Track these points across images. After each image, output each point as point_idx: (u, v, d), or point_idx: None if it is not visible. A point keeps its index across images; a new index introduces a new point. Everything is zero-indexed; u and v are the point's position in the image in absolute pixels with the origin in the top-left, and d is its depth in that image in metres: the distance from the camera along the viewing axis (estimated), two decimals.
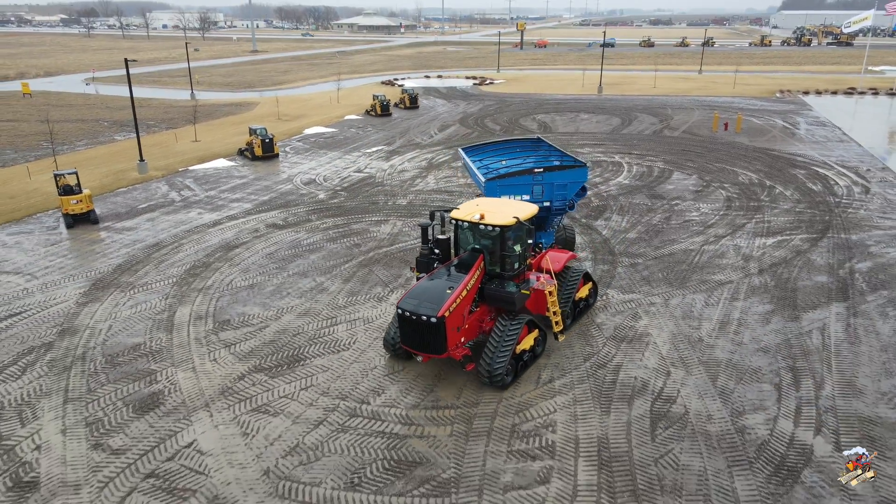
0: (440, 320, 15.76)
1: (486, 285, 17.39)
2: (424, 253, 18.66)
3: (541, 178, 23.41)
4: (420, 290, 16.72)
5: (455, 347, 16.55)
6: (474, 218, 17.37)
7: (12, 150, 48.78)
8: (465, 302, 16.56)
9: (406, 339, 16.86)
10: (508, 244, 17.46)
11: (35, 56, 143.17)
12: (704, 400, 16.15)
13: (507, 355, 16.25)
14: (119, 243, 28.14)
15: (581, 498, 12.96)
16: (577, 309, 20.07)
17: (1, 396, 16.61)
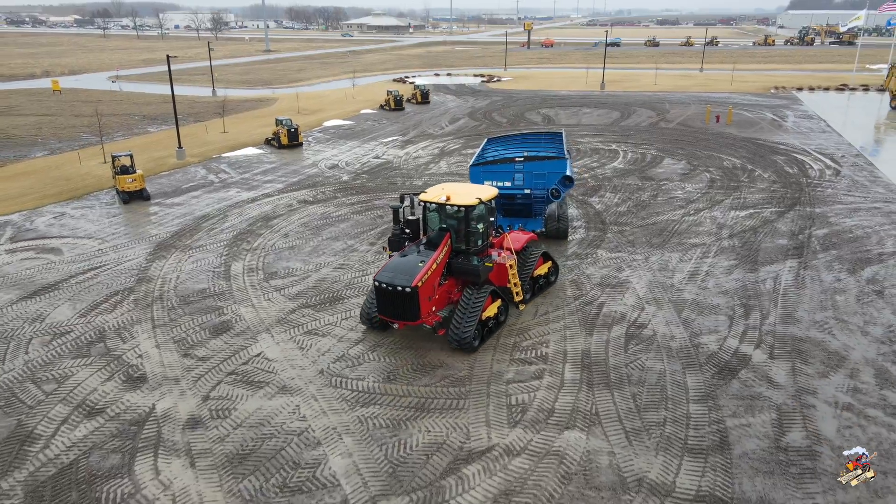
0: (414, 290, 17.48)
1: (453, 260, 19.10)
2: (396, 233, 20.19)
3: (521, 167, 25.47)
4: (394, 265, 18.40)
5: (427, 315, 18.26)
6: (441, 199, 19.05)
7: (56, 140, 52.92)
8: (435, 274, 18.31)
9: (383, 309, 18.48)
10: (472, 223, 19.13)
11: (56, 55, 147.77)
12: (670, 326, 19.92)
13: (473, 322, 17.94)
14: (171, 215, 32.12)
15: (566, 388, 16.76)
16: (536, 285, 21.95)
17: (103, 323, 20.58)
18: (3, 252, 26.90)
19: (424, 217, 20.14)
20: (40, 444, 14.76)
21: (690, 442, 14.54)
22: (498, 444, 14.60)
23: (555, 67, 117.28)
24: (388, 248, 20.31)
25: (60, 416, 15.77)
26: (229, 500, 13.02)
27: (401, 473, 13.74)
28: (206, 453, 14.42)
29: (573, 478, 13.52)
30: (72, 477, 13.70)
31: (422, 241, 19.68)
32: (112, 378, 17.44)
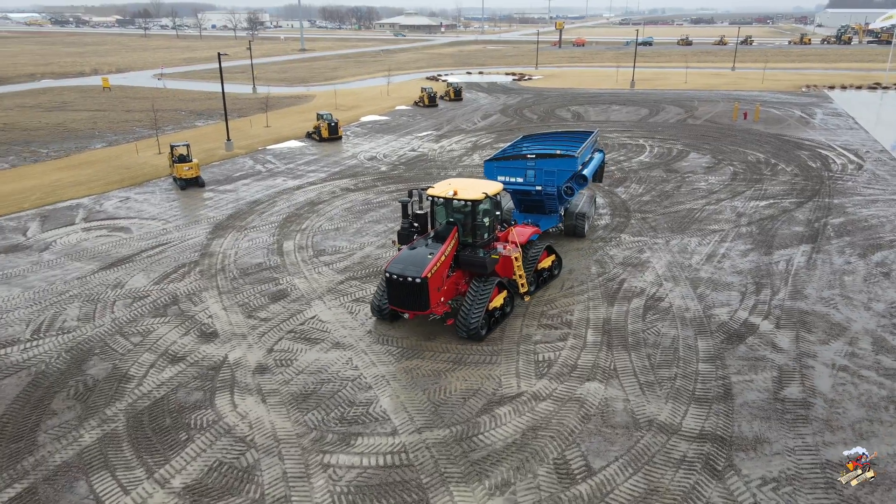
0: (424, 280, 18.13)
1: (460, 253, 19.74)
2: (405, 227, 20.86)
3: (533, 164, 25.90)
4: (404, 257, 19.05)
5: (436, 305, 18.97)
6: (448, 194, 19.59)
7: (112, 133, 56.34)
8: (443, 266, 18.95)
9: (393, 300, 19.09)
10: (478, 217, 19.79)
11: (101, 55, 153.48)
12: (685, 300, 21.72)
13: (481, 312, 18.64)
14: (225, 200, 34.80)
15: (588, 349, 18.73)
16: (540, 277, 22.64)
17: (174, 289, 23.16)
18: (80, 230, 29.80)
19: (432, 211, 20.71)
20: (134, 382, 17.27)
21: (697, 393, 16.41)
22: (526, 392, 16.67)
23: (585, 66, 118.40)
24: (398, 242, 21.04)
25: (148, 362, 18.29)
26: (297, 428, 15.32)
27: (442, 412, 15.89)
28: (274, 393, 16.77)
29: (592, 418, 15.51)
30: (164, 407, 16.17)
31: (430, 234, 20.33)
32: (188, 333, 19.95)
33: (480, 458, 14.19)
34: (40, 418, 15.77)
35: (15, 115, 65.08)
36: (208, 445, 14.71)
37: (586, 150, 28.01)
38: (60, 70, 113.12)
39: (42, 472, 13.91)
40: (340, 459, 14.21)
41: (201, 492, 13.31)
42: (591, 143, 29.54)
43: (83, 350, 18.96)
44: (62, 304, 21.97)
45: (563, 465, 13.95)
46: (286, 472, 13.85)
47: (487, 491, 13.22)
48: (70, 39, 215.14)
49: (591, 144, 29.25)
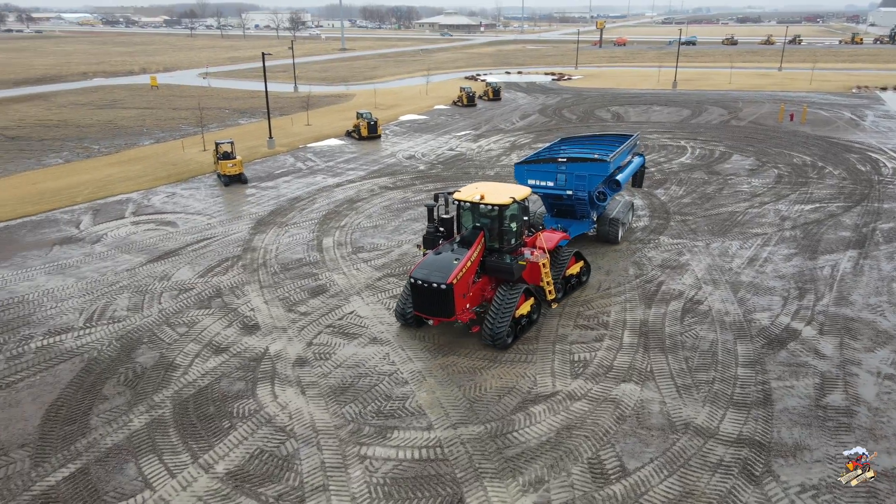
0: (449, 287, 17.72)
1: (486, 258, 19.29)
2: (430, 231, 20.26)
3: (564, 168, 25.29)
4: (429, 262, 18.68)
5: (461, 311, 18.50)
6: (475, 198, 19.20)
7: (159, 130, 58.00)
8: (469, 272, 18.49)
9: (418, 306, 18.77)
10: (506, 221, 19.38)
11: (150, 54, 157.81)
12: (725, 304, 21.44)
13: (507, 319, 18.20)
14: (267, 197, 35.58)
15: (624, 350, 18.67)
16: (568, 284, 22.11)
17: (218, 282, 23.85)
18: (129, 224, 30.87)
19: (458, 216, 20.31)
20: (180, 371, 17.90)
21: (736, 398, 16.22)
22: (561, 391, 16.72)
23: (626, 66, 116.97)
24: (423, 246, 20.48)
25: (194, 351, 18.91)
26: (335, 420, 15.68)
27: (477, 408, 16.06)
28: (313, 385, 17.18)
29: (627, 419, 15.49)
30: (208, 395, 16.72)
31: (455, 239, 19.87)
32: (231, 325, 20.54)
33: (514, 455, 14.32)
34: (93, 402, 16.48)
35: (69, 113, 67.51)
36: (250, 434, 15.18)
37: (621, 154, 27.27)
38: (111, 69, 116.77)
39: (94, 453, 14.55)
40: (377, 452, 14.51)
41: (243, 478, 13.76)
42: (629, 146, 28.73)
43: (132, 339, 19.70)
44: (113, 295, 22.84)
45: (598, 464, 13.98)
46: (324, 462, 14.21)
47: (521, 487, 13.35)
48: (120, 39, 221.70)
49: (628, 148, 28.46)
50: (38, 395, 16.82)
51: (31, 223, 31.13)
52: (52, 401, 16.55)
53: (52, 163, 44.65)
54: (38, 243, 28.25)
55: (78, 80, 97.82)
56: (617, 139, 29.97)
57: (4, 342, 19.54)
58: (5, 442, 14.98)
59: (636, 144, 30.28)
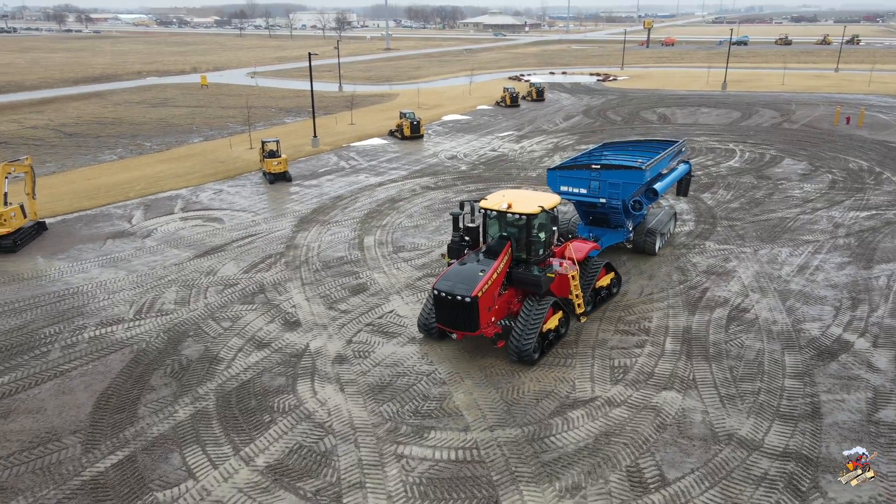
0: (474, 300, 16.93)
1: (513, 270, 18.51)
2: (455, 240, 19.65)
3: (597, 175, 24.18)
4: (454, 273, 17.90)
5: (486, 325, 17.68)
6: (502, 207, 18.40)
7: (208, 128, 59.49)
8: (495, 284, 17.73)
9: (441, 319, 18.04)
10: (533, 231, 18.58)
11: (200, 53, 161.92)
12: (773, 312, 20.83)
13: (534, 334, 17.54)
14: (310, 195, 36.12)
15: (666, 357, 18.32)
16: (598, 297, 21.30)
17: (262, 279, 24.33)
18: (179, 219, 31.74)
19: (485, 224, 19.49)
20: (224, 364, 18.32)
21: (783, 409, 15.75)
22: (600, 396, 16.51)
23: (674, 66, 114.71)
24: (447, 256, 19.93)
25: (237, 346, 19.34)
26: (373, 418, 15.81)
27: (514, 411, 15.99)
28: (352, 382, 17.37)
29: (668, 428, 15.20)
30: (250, 389, 17.07)
31: (481, 248, 19.09)
32: (273, 321, 20.93)
33: (551, 460, 14.21)
34: (141, 393, 17.01)
35: (123, 111, 69.82)
36: (290, 428, 15.44)
37: (661, 161, 25.95)
38: (163, 68, 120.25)
39: (141, 442, 15.02)
40: (413, 451, 14.59)
41: (282, 472, 14.00)
42: (672, 153, 27.33)
43: (179, 332, 20.26)
44: (161, 288, 23.53)
45: (636, 472, 13.76)
46: (361, 459, 14.35)
47: (557, 493, 13.23)
48: (173, 39, 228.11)
49: (670, 155, 27.08)
50: (90, 383, 17.45)
51: (86, 217, 32.30)
52: (103, 389, 17.14)
53: (107, 159, 46.24)
54: (93, 237, 29.29)
55: (132, 79, 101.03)
56: (661, 146, 28.67)
57: (60, 332, 20.32)
58: (59, 428, 15.58)
59: (682, 151, 28.91)
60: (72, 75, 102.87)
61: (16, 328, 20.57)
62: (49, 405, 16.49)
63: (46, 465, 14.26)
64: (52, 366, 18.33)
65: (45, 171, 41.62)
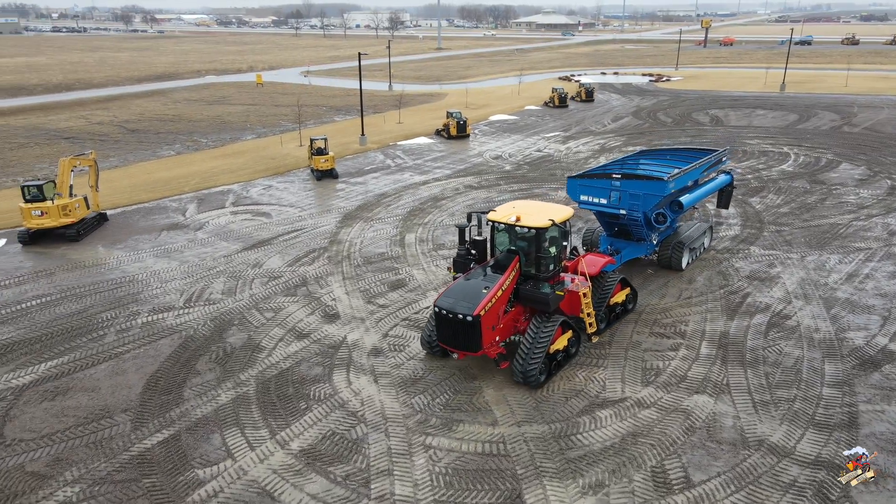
0: (476, 319, 16.11)
1: (521, 286, 17.59)
2: (461, 253, 18.61)
3: (618, 185, 22.99)
4: (457, 290, 17.08)
5: (490, 345, 16.92)
6: (510, 220, 17.59)
7: (261, 126, 61.30)
8: (500, 301, 16.88)
9: (442, 337, 17.20)
10: (543, 246, 17.57)
11: (257, 53, 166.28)
12: (816, 320, 20.35)
13: (540, 355, 16.57)
14: (355, 192, 36.94)
15: (700, 361, 18.17)
16: (612, 314, 20.23)
17: (305, 272, 25.15)
18: (229, 213, 33.00)
19: (492, 237, 18.68)
20: (265, 353, 19.10)
21: (818, 418, 15.47)
22: (630, 397, 16.54)
23: (731, 67, 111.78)
24: (453, 269, 18.94)
25: (278, 336, 20.11)
26: (404, 409, 16.27)
27: (543, 408, 16.18)
28: (385, 374, 17.87)
29: (697, 431, 15.14)
30: (289, 377, 17.77)
31: (489, 262, 18.23)
32: (314, 313, 21.65)
33: (577, 457, 14.37)
34: (187, 376, 17.92)
35: (182, 108, 72.55)
36: (324, 416, 16.04)
37: (690, 172, 24.45)
38: (221, 67, 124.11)
39: (185, 422, 15.86)
40: (441, 442, 14.97)
41: (315, 456, 14.59)
42: (707, 164, 25.70)
43: (225, 320, 21.19)
44: (210, 279, 24.59)
45: (661, 473, 13.79)
46: (391, 448, 14.82)
47: (580, 489, 13.40)
48: (231, 39, 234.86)
49: (704, 166, 25.50)
50: (141, 365, 18.48)
51: (144, 209, 33.91)
52: (153, 372, 18.12)
53: (165, 154, 48.27)
54: (149, 228, 30.76)
55: (192, 78, 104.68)
56: (701, 154, 26.84)
57: (115, 317, 21.53)
58: (111, 406, 16.59)
59: (722, 161, 27.29)
60: (136, 74, 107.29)
61: (76, 312, 21.89)
62: (103, 385, 17.56)
63: (99, 440, 15.23)
64: (107, 348, 19.47)
65: (108, 166, 43.77)
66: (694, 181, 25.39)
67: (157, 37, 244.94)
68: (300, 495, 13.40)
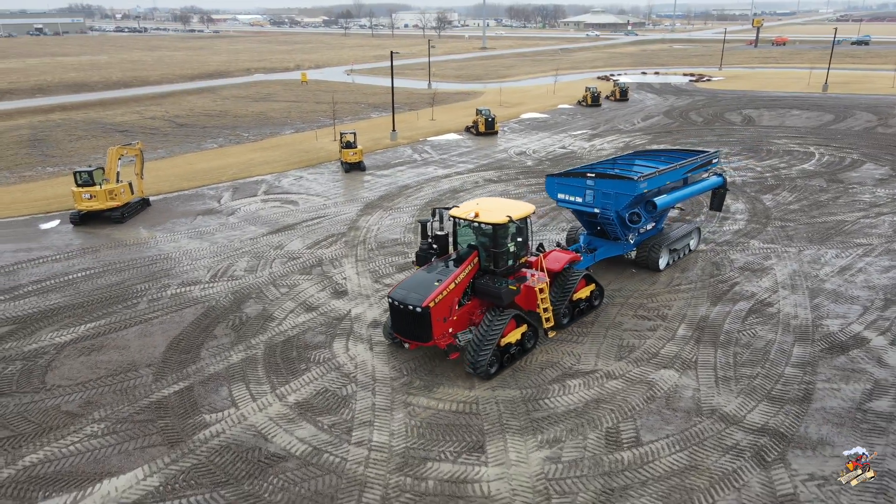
0: (425, 310, 16.76)
1: (477, 280, 18.19)
2: (423, 247, 19.36)
3: (592, 184, 23.25)
4: (410, 282, 17.92)
5: (441, 336, 17.45)
6: (469, 216, 18.18)
7: (301, 122, 64.02)
8: (452, 294, 17.43)
9: (395, 327, 17.99)
10: (501, 241, 18.04)
11: (306, 52, 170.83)
12: (797, 309, 21.17)
13: (490, 347, 17.08)
14: (380, 183, 38.89)
15: (675, 341, 19.31)
16: (576, 309, 20.64)
17: (321, 254, 27.16)
18: (260, 201, 35.38)
19: (455, 233, 19.30)
20: (276, 322, 21.12)
21: (774, 393, 16.48)
22: (601, 370, 17.86)
23: (779, 67, 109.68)
24: (416, 263, 19.77)
25: (289, 308, 22.11)
26: (392, 373, 17.98)
27: (518, 376, 17.66)
28: (381, 343, 19.62)
29: (656, 400, 16.38)
30: (294, 343, 19.72)
31: (451, 256, 19.00)
32: (324, 290, 23.59)
33: (540, 418, 15.81)
34: (205, 339, 20.05)
35: (229, 104, 76.09)
36: (320, 376, 17.89)
37: (669, 173, 24.33)
38: (270, 65, 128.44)
39: (199, 377, 17.94)
40: (420, 401, 16.62)
41: (307, 408, 16.44)
42: (689, 166, 25.46)
43: (244, 294, 23.32)
44: (235, 258, 26.83)
45: (615, 433, 15.12)
46: (375, 404, 16.55)
47: (538, 444, 14.85)
48: (283, 38, 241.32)
49: (685, 168, 25.30)
50: (166, 329, 20.72)
51: (183, 196, 36.61)
52: (176, 335, 20.33)
53: (209, 147, 51.29)
54: (187, 213, 33.35)
55: (241, 76, 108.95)
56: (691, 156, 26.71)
57: (148, 288, 23.93)
58: (138, 361, 18.82)
59: (712, 164, 26.87)
60: (189, 72, 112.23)
61: (115, 283, 24.40)
62: (132, 344, 19.84)
63: (124, 388, 17.44)
64: (139, 314, 21.82)
65: (156, 157, 46.96)
66: (677, 181, 25.27)
67: (213, 36, 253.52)
68: (289, 438, 15.27)
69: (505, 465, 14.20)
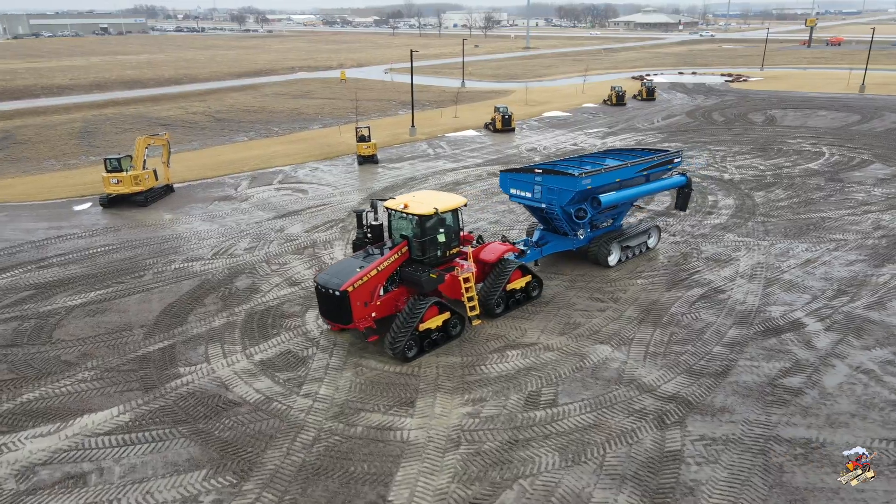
0: (343, 294, 17.94)
1: (403, 269, 19.39)
2: (359, 236, 20.62)
3: (539, 180, 23.86)
4: (335, 267, 19.34)
5: (360, 320, 18.54)
6: (399, 207, 19.44)
7: (331, 118, 66.74)
8: (374, 280, 18.57)
9: (321, 310, 19.58)
10: (427, 232, 19.15)
11: (352, 51, 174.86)
12: (747, 296, 22.11)
13: (407, 332, 17.99)
14: (388, 175, 40.92)
15: (619, 321, 20.59)
16: (511, 299, 21.36)
17: (317, 237, 29.32)
18: (273, 189, 37.89)
19: (390, 223, 20.41)
20: (261, 294, 23.32)
21: (696, 368, 17.67)
22: (541, 343, 19.33)
23: (826, 68, 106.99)
24: (353, 250, 20.98)
25: (275, 283, 24.30)
26: (352, 339, 19.88)
27: (463, 346, 19.30)
28: None
29: (583, 370, 17.78)
30: (272, 312, 21.86)
31: (385, 244, 20.15)
32: (310, 268, 25.70)
33: (472, 381, 17.44)
34: (194, 307, 22.39)
35: (268, 100, 79.59)
36: (287, 340, 19.94)
37: (618, 171, 24.44)
38: (314, 64, 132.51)
39: (182, 337, 20.24)
40: (370, 363, 18.46)
41: (269, 365, 18.50)
42: (642, 165, 25.43)
43: (238, 270, 25.64)
44: (238, 239, 29.24)
45: (535, 396, 16.62)
46: (329, 364, 18.49)
47: (462, 402, 16.50)
48: (332, 38, 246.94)
49: (638, 167, 25.26)
50: (163, 297, 23.17)
51: (205, 184, 39.46)
52: (170, 303, 22.75)
53: (239, 140, 54.39)
54: (204, 199, 36.09)
55: (285, 74, 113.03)
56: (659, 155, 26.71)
57: (155, 262, 26.52)
58: (133, 322, 21.28)
59: (673, 161, 26.72)
60: (237, 70, 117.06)
61: (127, 258, 27.10)
62: (132, 309, 22.35)
63: (116, 344, 19.88)
64: (142, 284, 24.38)
65: (189, 148, 50.24)
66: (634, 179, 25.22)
67: (266, 36, 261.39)
68: (247, 389, 17.35)
69: (428, 418, 15.91)
